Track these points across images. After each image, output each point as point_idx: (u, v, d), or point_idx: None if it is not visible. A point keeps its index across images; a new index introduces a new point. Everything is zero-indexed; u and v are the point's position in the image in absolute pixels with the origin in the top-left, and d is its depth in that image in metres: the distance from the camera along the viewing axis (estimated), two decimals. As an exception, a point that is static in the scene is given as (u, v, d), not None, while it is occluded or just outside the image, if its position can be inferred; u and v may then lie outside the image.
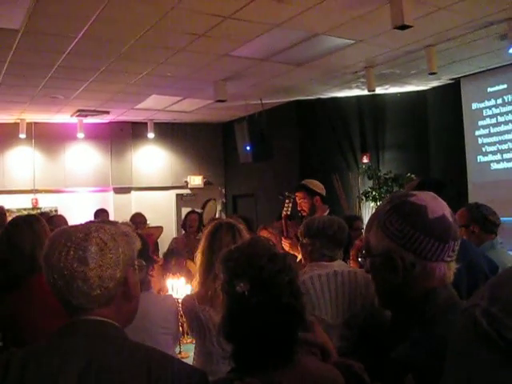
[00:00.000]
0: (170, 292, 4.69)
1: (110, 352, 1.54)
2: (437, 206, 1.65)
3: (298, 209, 5.46)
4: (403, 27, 5.51)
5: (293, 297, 1.63)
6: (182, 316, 3.35)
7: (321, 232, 3.32)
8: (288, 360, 1.62)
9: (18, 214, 9.67)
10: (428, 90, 10.03)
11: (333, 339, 2.89)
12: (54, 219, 7.23)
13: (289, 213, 5.62)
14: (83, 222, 1.72)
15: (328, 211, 5.31)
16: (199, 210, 8.42)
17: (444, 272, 1.63)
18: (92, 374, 1.48)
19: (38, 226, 3.42)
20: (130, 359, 1.53)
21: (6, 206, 10.31)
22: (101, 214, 8.86)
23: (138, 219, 8.00)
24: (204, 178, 13.25)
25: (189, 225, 7.74)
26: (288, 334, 1.63)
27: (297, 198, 5.51)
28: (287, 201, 5.59)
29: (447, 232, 1.61)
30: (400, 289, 1.66)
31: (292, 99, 10.66)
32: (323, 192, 5.49)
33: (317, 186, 5.50)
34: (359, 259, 3.42)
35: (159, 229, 7.72)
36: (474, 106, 9.19)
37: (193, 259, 3.41)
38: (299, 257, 4.89)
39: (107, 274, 1.59)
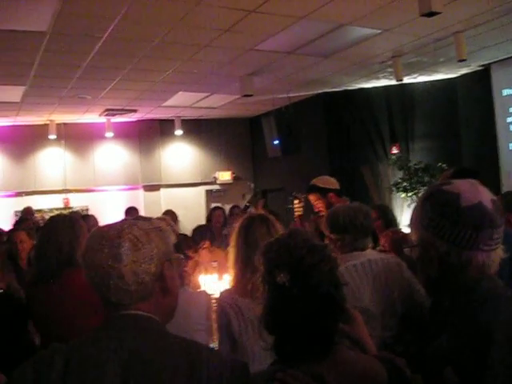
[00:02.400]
0: (202, 288, 4.71)
1: (151, 345, 1.55)
2: (473, 193, 1.61)
3: (315, 210, 5.18)
4: (431, 14, 5.43)
5: (333, 286, 1.61)
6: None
7: (348, 226, 3.23)
8: (329, 351, 1.60)
9: (50, 214, 9.82)
10: (457, 77, 9.88)
11: (377, 329, 2.85)
12: (86, 219, 7.30)
13: (301, 213, 5.47)
14: (117, 221, 1.73)
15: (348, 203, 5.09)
16: (247, 204, 8.57)
17: (483, 261, 1.59)
18: (134, 367, 1.50)
19: (77, 224, 3.49)
20: (170, 352, 1.54)
21: (38, 207, 10.51)
22: (131, 211, 8.92)
23: (169, 216, 8.04)
24: (233, 173, 13.26)
25: (215, 220, 7.86)
26: (328, 324, 1.61)
27: (311, 201, 5.23)
28: (296, 201, 5.45)
29: (482, 220, 1.57)
30: (439, 279, 1.65)
31: (319, 91, 10.59)
32: (336, 186, 5.16)
33: (327, 182, 5.20)
34: (404, 250, 3.36)
35: None
36: (505, 92, 9.02)
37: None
38: None
39: (142, 269, 1.59)
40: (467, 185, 1.64)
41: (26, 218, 8.72)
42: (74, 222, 3.51)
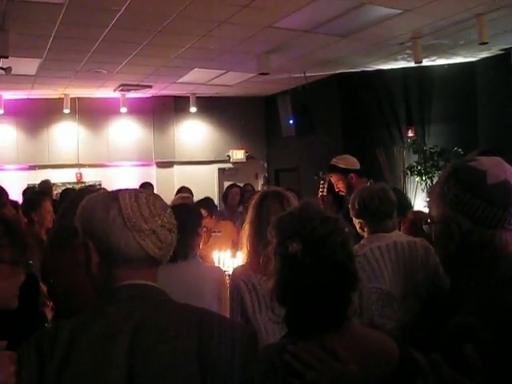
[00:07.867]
0: (216, 264, 4.73)
1: (160, 313, 1.54)
2: (499, 171, 1.59)
3: (336, 190, 5.21)
4: (453, -6, 5.34)
5: (346, 256, 1.60)
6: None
7: (362, 210, 3.31)
8: (341, 324, 1.60)
9: (62, 188, 9.86)
10: (477, 61, 9.71)
11: (397, 312, 2.84)
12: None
13: (324, 193, 5.56)
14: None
15: (369, 183, 4.93)
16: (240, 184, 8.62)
17: (506, 240, 1.58)
18: (144, 336, 1.48)
19: None
20: (179, 318, 1.54)
21: (51, 180, 10.52)
22: (146, 187, 8.91)
23: (185, 193, 8.05)
24: (246, 152, 13.22)
25: (231, 198, 7.90)
26: (341, 295, 1.60)
27: (332, 180, 5.27)
28: (322, 181, 5.52)
29: (507, 198, 1.55)
30: (460, 256, 1.63)
31: (336, 72, 10.48)
32: (357, 166, 5.16)
33: (348, 162, 5.17)
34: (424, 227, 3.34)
35: None
36: (525, 77, 8.87)
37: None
38: None
39: (172, 236, 1.62)
40: (493, 162, 1.62)
41: (45, 190, 8.72)
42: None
